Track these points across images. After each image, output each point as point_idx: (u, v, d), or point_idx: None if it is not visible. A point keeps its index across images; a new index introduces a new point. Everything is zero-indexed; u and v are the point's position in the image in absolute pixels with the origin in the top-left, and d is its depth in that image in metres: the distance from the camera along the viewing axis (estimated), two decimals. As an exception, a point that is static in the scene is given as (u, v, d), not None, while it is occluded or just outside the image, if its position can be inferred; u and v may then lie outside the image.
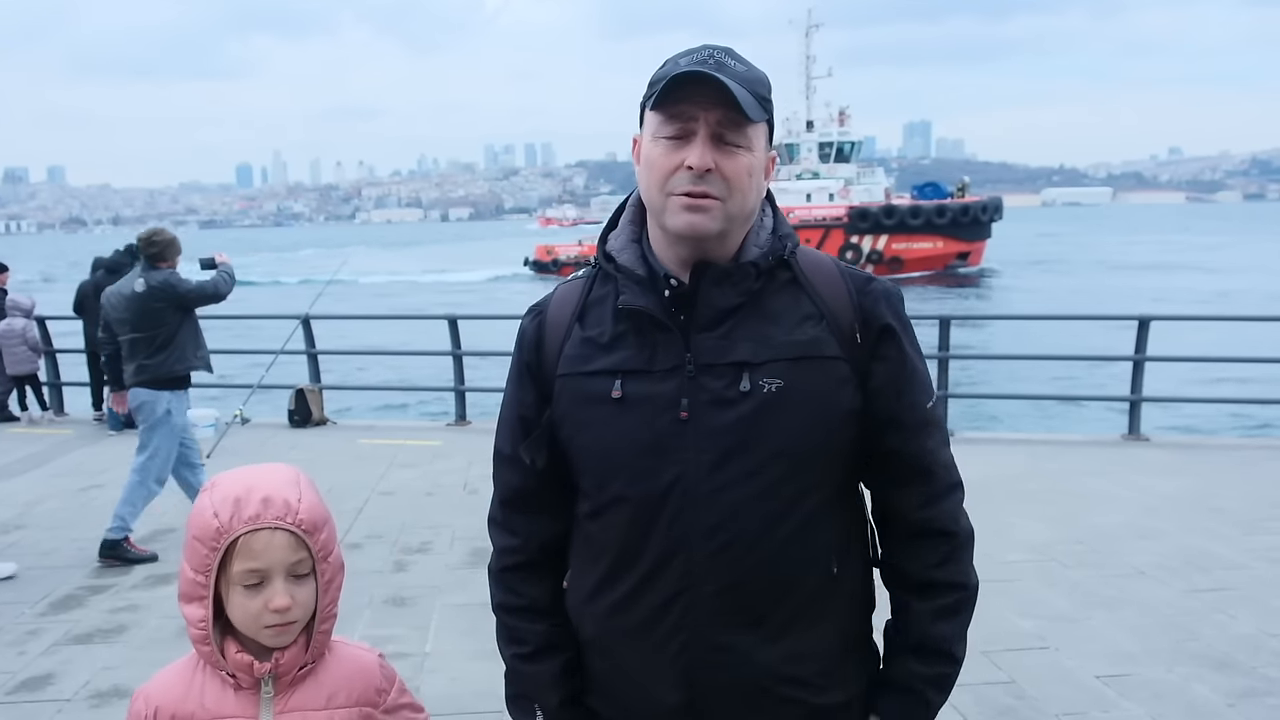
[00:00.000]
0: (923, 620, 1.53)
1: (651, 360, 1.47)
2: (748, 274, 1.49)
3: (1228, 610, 4.76)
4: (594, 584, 1.54)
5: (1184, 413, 13.74)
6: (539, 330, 1.59)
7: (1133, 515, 6.41)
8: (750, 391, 1.44)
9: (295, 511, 1.51)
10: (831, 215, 45.20)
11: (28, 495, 7.34)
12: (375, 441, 9.21)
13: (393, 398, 15.77)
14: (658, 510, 1.46)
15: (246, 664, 1.52)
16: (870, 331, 1.50)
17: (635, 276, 1.50)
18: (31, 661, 4.37)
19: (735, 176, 1.42)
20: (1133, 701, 3.84)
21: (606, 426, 1.48)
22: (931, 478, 1.54)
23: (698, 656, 1.48)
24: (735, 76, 1.41)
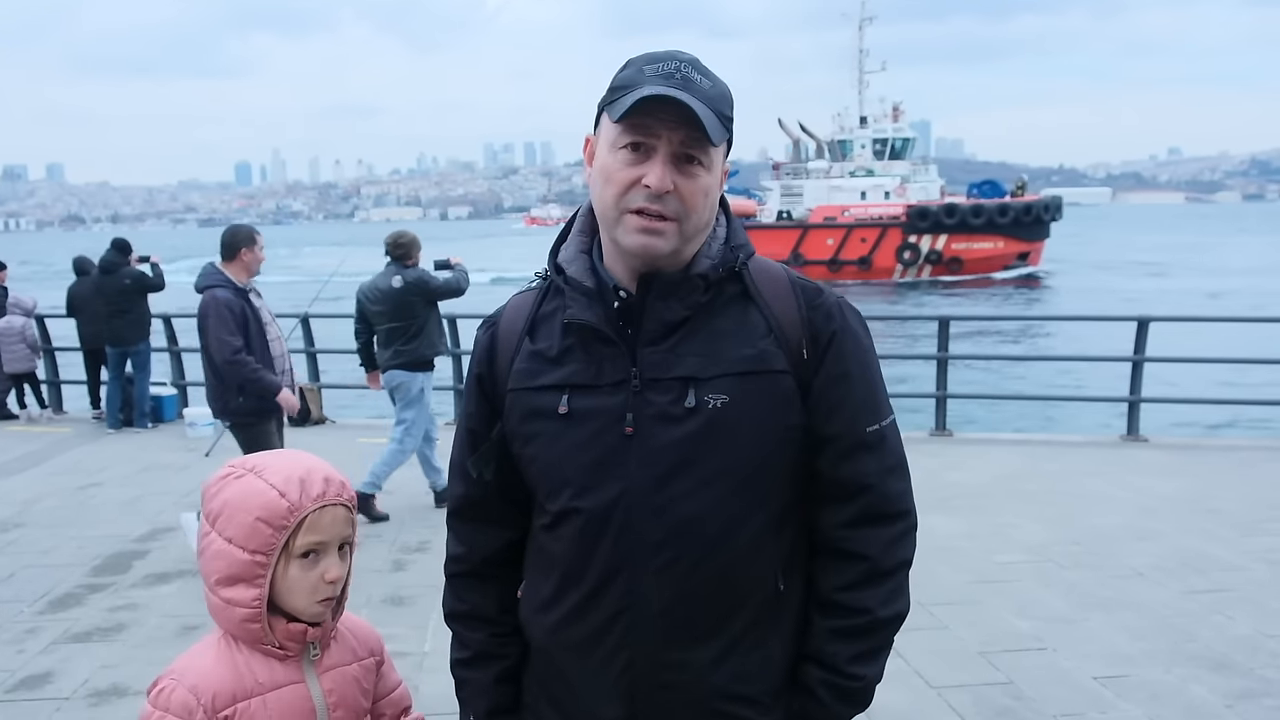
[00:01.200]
0: (817, 636, 1.51)
1: (598, 374, 1.46)
2: (696, 286, 1.46)
3: (1225, 611, 4.76)
4: (545, 596, 1.55)
5: (1182, 413, 13.75)
6: (491, 343, 1.59)
7: (1130, 516, 6.42)
8: (696, 408, 1.43)
9: (348, 489, 1.62)
10: (888, 214, 43.66)
11: (26, 493, 7.34)
12: (374, 440, 9.18)
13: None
14: (603, 525, 1.45)
15: (300, 632, 1.59)
16: (817, 346, 1.48)
17: (583, 289, 1.48)
18: (30, 660, 4.37)
19: (692, 197, 1.41)
20: (1130, 703, 3.84)
21: (554, 441, 1.48)
22: (862, 501, 1.50)
23: (642, 674, 1.47)
24: (700, 95, 1.39)
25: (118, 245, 9.86)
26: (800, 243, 43.43)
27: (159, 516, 6.67)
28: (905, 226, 42.92)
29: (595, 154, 1.48)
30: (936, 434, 9.21)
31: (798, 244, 43.39)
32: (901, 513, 1.53)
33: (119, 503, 7.07)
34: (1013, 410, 14.38)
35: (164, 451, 8.81)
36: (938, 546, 5.82)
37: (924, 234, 42.91)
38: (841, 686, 1.50)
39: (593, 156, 1.49)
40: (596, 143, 1.48)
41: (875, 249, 43.00)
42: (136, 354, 9.68)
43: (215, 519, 1.57)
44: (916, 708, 3.82)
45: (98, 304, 9.65)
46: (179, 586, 5.31)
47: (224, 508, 1.56)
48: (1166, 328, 10.14)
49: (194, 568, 5.53)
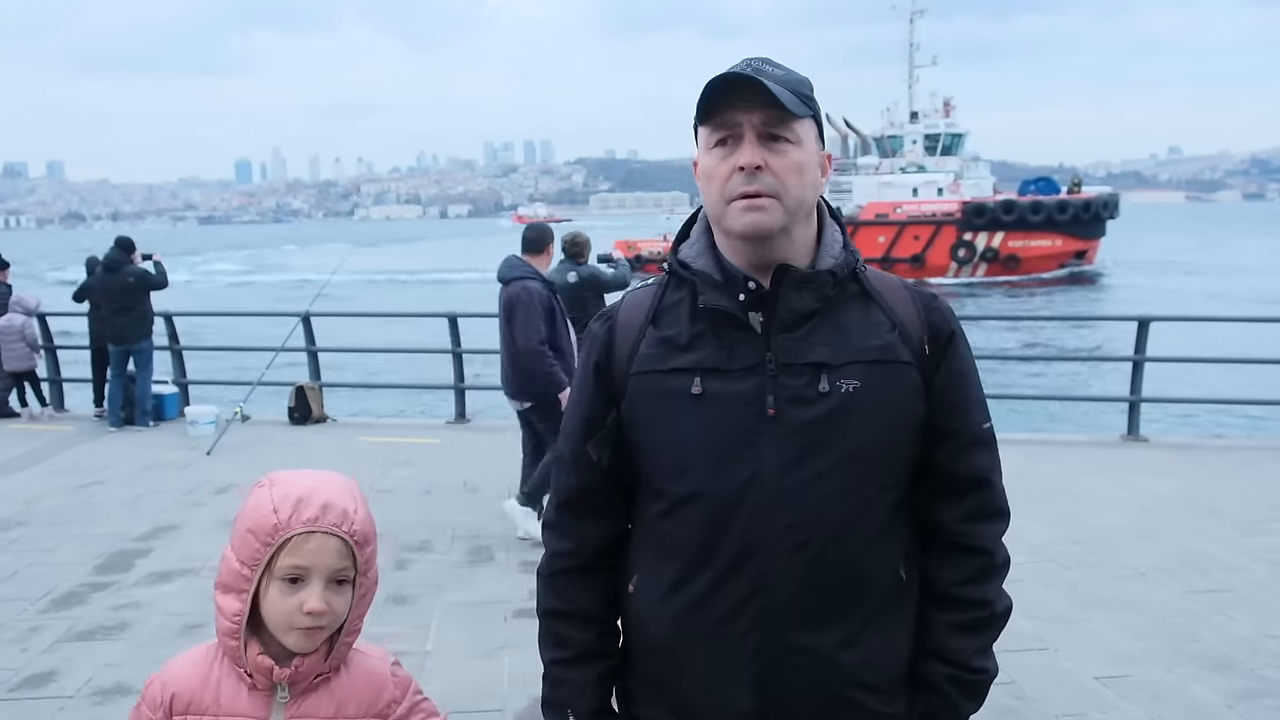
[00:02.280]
0: (939, 632, 1.55)
1: (730, 359, 1.50)
2: (825, 281, 1.52)
3: (1226, 612, 4.77)
4: (667, 584, 1.55)
5: (1183, 413, 13.75)
6: (609, 334, 1.62)
7: (1131, 516, 6.43)
8: (829, 392, 1.48)
9: (351, 521, 1.54)
10: (942, 211, 42.54)
11: (28, 492, 7.34)
12: (374, 439, 9.22)
13: (392, 395, 15.76)
14: (734, 507, 1.48)
15: (266, 667, 1.54)
16: (937, 343, 1.55)
17: (712, 280, 1.53)
18: (34, 659, 4.37)
19: (785, 172, 1.47)
20: (1132, 703, 3.85)
21: (685, 422, 1.51)
22: (979, 497, 1.57)
23: (772, 658, 1.49)
24: (773, 78, 1.45)
25: (121, 243, 9.87)
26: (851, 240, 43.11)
27: (161, 515, 6.67)
28: (960, 223, 41.90)
29: (699, 164, 1.55)
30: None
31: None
32: (1007, 510, 1.61)
33: (121, 501, 7.07)
34: (1014, 410, 14.39)
35: (166, 450, 8.81)
36: (939, 546, 5.84)
37: (980, 231, 41.87)
38: (968, 681, 1.56)
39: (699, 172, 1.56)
40: (699, 157, 1.55)
41: (929, 246, 42.06)
42: (139, 352, 9.68)
43: (234, 523, 1.58)
44: (918, 707, 3.83)
45: (101, 302, 9.66)
46: (181, 585, 5.32)
47: (239, 514, 1.57)
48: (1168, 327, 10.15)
49: (196, 566, 5.56)
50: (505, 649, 4.43)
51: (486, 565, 5.65)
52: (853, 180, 46.28)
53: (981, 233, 41.84)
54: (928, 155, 46.83)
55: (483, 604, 5.03)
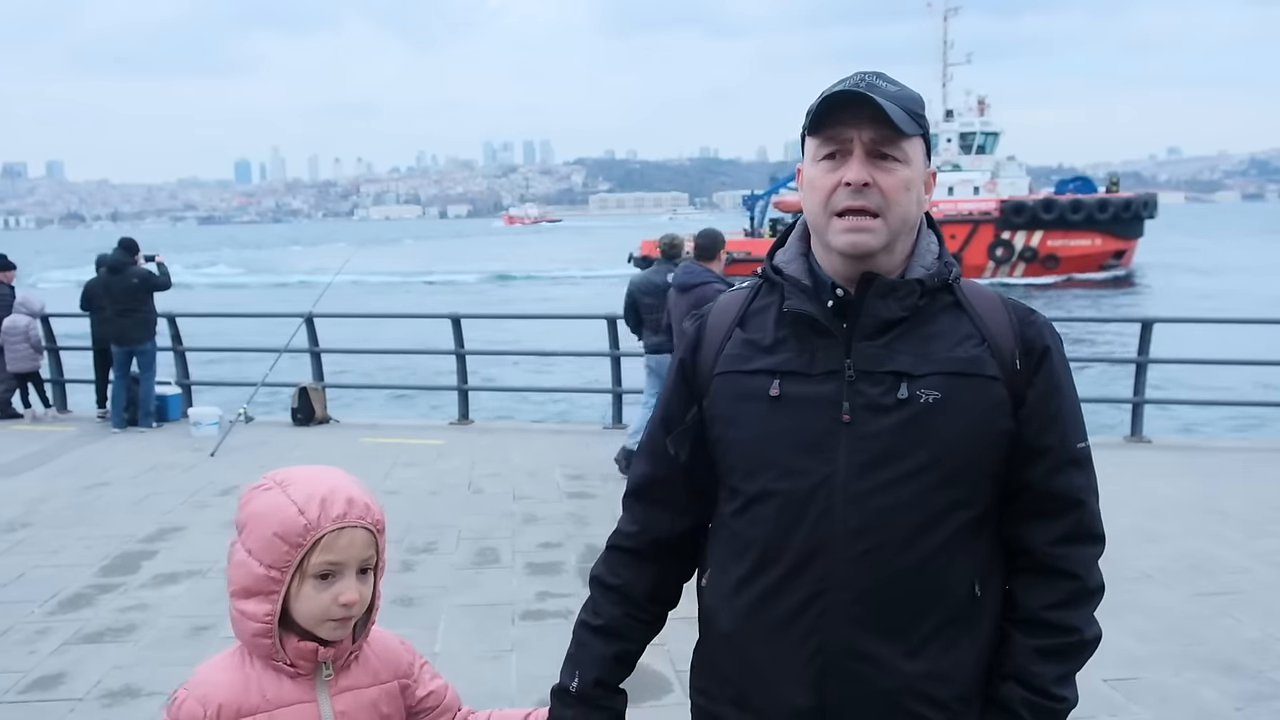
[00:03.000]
0: (1020, 655, 1.51)
1: (811, 363, 1.52)
2: (913, 290, 1.52)
3: (1233, 614, 4.78)
4: (735, 580, 1.57)
5: (1185, 415, 13.76)
6: (699, 332, 1.66)
7: (1136, 518, 6.43)
8: (907, 400, 1.47)
9: (372, 512, 1.59)
10: (979, 209, 41.62)
11: (32, 493, 7.34)
12: (378, 440, 9.22)
13: (395, 396, 15.76)
14: (804, 508, 1.49)
15: (310, 651, 1.57)
16: (1030, 359, 1.52)
17: (801, 285, 1.56)
18: (42, 661, 4.38)
19: (893, 191, 1.47)
20: (1141, 705, 3.86)
21: (762, 423, 1.53)
22: (1073, 517, 1.53)
23: (833, 661, 1.48)
24: (886, 95, 1.47)
25: (125, 244, 9.87)
26: None
27: (166, 517, 6.67)
28: (998, 222, 41.07)
29: (803, 173, 1.57)
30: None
31: None
32: (1102, 535, 1.57)
33: (126, 503, 7.07)
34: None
35: (169, 451, 8.81)
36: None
37: (1018, 230, 40.99)
38: (1045, 708, 1.50)
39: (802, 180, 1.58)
40: (804, 165, 1.57)
41: (966, 246, 40.83)
42: (143, 353, 9.68)
43: (243, 529, 1.58)
44: (928, 710, 3.83)
45: (105, 303, 9.65)
46: (188, 587, 5.32)
47: (250, 519, 1.57)
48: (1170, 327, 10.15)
49: (203, 568, 5.56)
50: (513, 650, 4.44)
51: (492, 567, 5.65)
52: None
53: (1020, 232, 41.06)
54: (963, 154, 46.03)
55: (490, 606, 5.03)
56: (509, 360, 17.48)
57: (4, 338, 10.22)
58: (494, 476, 7.56)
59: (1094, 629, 1.54)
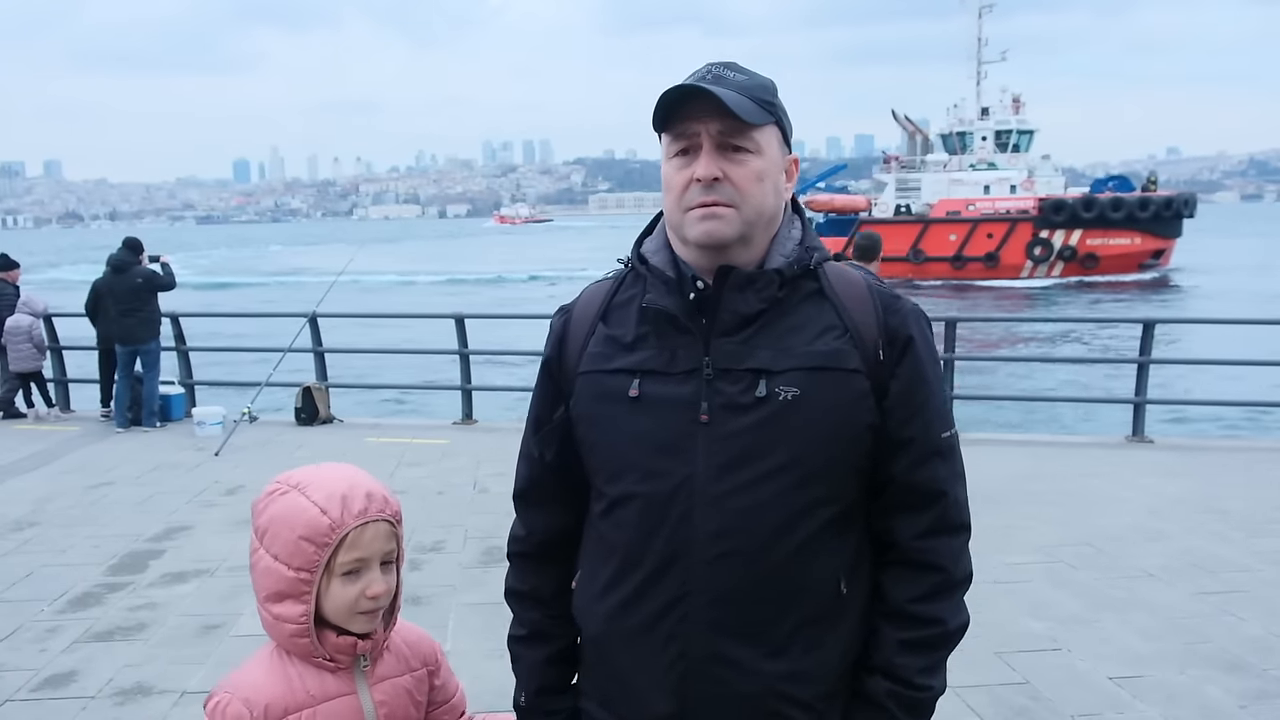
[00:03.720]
0: (887, 647, 1.50)
1: (671, 361, 1.49)
2: (771, 281, 1.49)
3: (1236, 612, 4.81)
4: (602, 584, 1.56)
5: (1187, 414, 13.79)
6: (564, 328, 1.62)
7: (1139, 517, 6.46)
8: (766, 398, 1.44)
9: (390, 504, 1.63)
10: (1017, 208, 41.07)
11: (38, 492, 7.36)
12: (382, 440, 9.25)
13: (399, 396, 15.78)
14: (664, 511, 1.47)
15: (350, 645, 1.61)
16: (894, 348, 1.49)
17: (664, 277, 1.52)
18: (53, 659, 4.40)
19: (744, 182, 1.45)
20: (1146, 703, 3.88)
21: (622, 424, 1.50)
22: (937, 509, 1.51)
23: (693, 666, 1.47)
24: (733, 86, 1.43)
25: (129, 244, 9.90)
26: (920, 238, 41.13)
27: (172, 516, 6.69)
28: (1037, 221, 40.23)
29: (662, 171, 1.54)
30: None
31: (918, 239, 41.08)
32: (967, 524, 1.56)
33: (132, 502, 7.09)
34: (1018, 411, 14.44)
35: (174, 451, 8.83)
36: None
37: (1057, 229, 40.10)
38: (910, 699, 1.50)
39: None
40: (662, 164, 1.53)
41: (1003, 245, 40.66)
42: (147, 352, 9.70)
43: (263, 535, 1.60)
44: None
45: (108, 302, 9.67)
46: (197, 586, 5.34)
47: (270, 524, 1.59)
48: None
49: (210, 567, 5.58)
50: (522, 649, 4.46)
51: (500, 566, 5.62)
52: (921, 178, 44.96)
53: (1059, 230, 40.14)
54: (998, 152, 45.03)
55: (498, 604, 4.99)
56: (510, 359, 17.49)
57: (7, 338, 10.24)
58: (499, 476, 7.57)
59: (959, 618, 1.53)
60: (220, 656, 4.36)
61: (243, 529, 6.37)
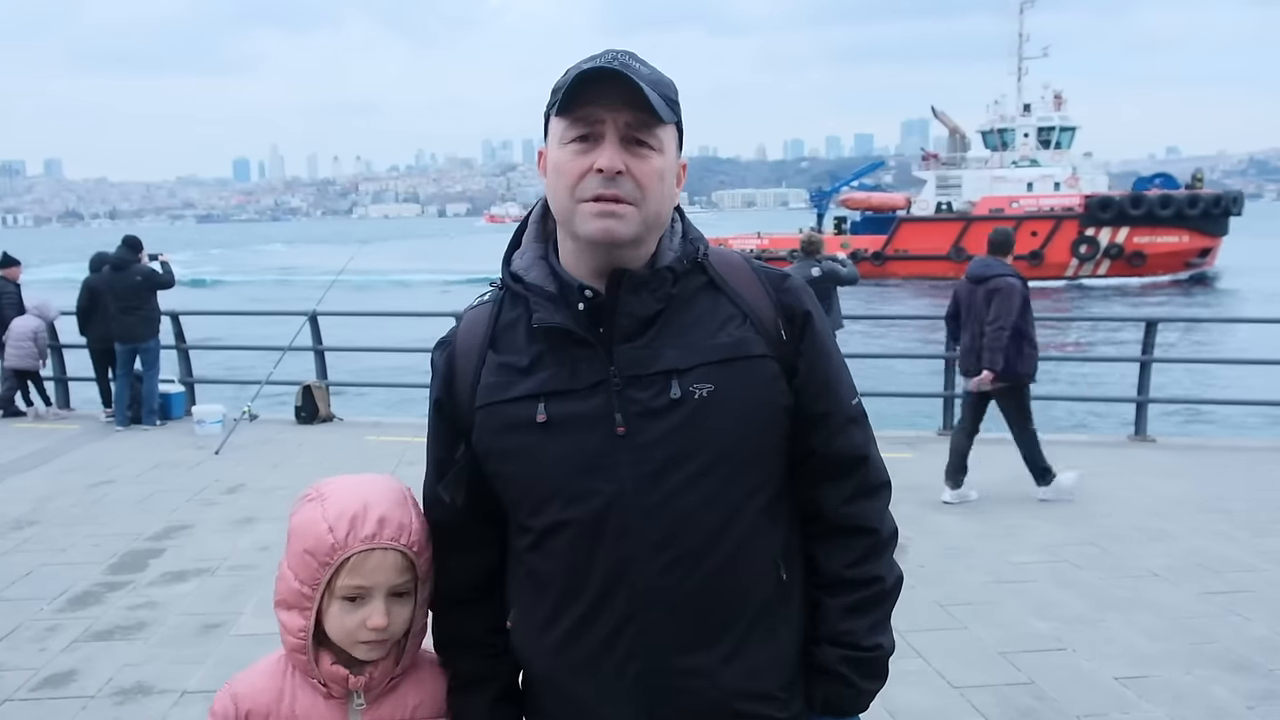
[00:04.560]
0: (832, 616, 1.50)
1: (574, 378, 1.42)
2: (664, 279, 1.44)
3: (1242, 612, 4.78)
4: (541, 619, 1.48)
5: (1189, 413, 13.76)
6: (449, 363, 1.53)
7: (1142, 517, 6.44)
8: (681, 399, 1.40)
9: (409, 533, 1.52)
10: (1061, 205, 40.12)
11: (38, 491, 7.34)
12: (383, 438, 9.21)
13: (400, 394, 15.74)
14: (598, 532, 1.41)
15: (341, 676, 1.53)
16: (794, 326, 1.48)
17: (546, 293, 1.45)
18: (53, 658, 4.37)
19: (646, 179, 1.38)
20: (1153, 703, 3.86)
21: (534, 453, 1.43)
22: (858, 474, 1.52)
23: (656, 684, 1.43)
24: (641, 78, 1.36)
25: (129, 242, 9.87)
26: (962, 236, 40.05)
27: (173, 515, 6.67)
28: (1083, 218, 39.15)
29: (547, 157, 1.45)
30: (944, 434, 9.23)
31: (959, 237, 40.03)
32: (888, 481, 1.57)
33: (132, 501, 7.06)
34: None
35: (174, 449, 8.81)
36: (952, 546, 5.84)
37: (1103, 226, 39.01)
38: (863, 660, 1.50)
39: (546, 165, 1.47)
40: (549, 148, 1.45)
41: (1048, 242, 39.47)
42: (146, 351, 9.68)
43: (288, 539, 1.56)
44: (940, 708, 3.84)
45: (108, 300, 9.65)
46: (197, 585, 5.32)
47: (290, 532, 1.55)
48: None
49: (211, 566, 5.56)
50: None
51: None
52: (962, 175, 44.38)
53: (1105, 228, 39.12)
54: (1040, 149, 43.89)
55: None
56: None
57: (12, 336, 10.22)
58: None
59: (895, 572, 1.54)
60: (220, 656, 4.34)
61: (243, 528, 6.36)
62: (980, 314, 6.60)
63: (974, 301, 6.71)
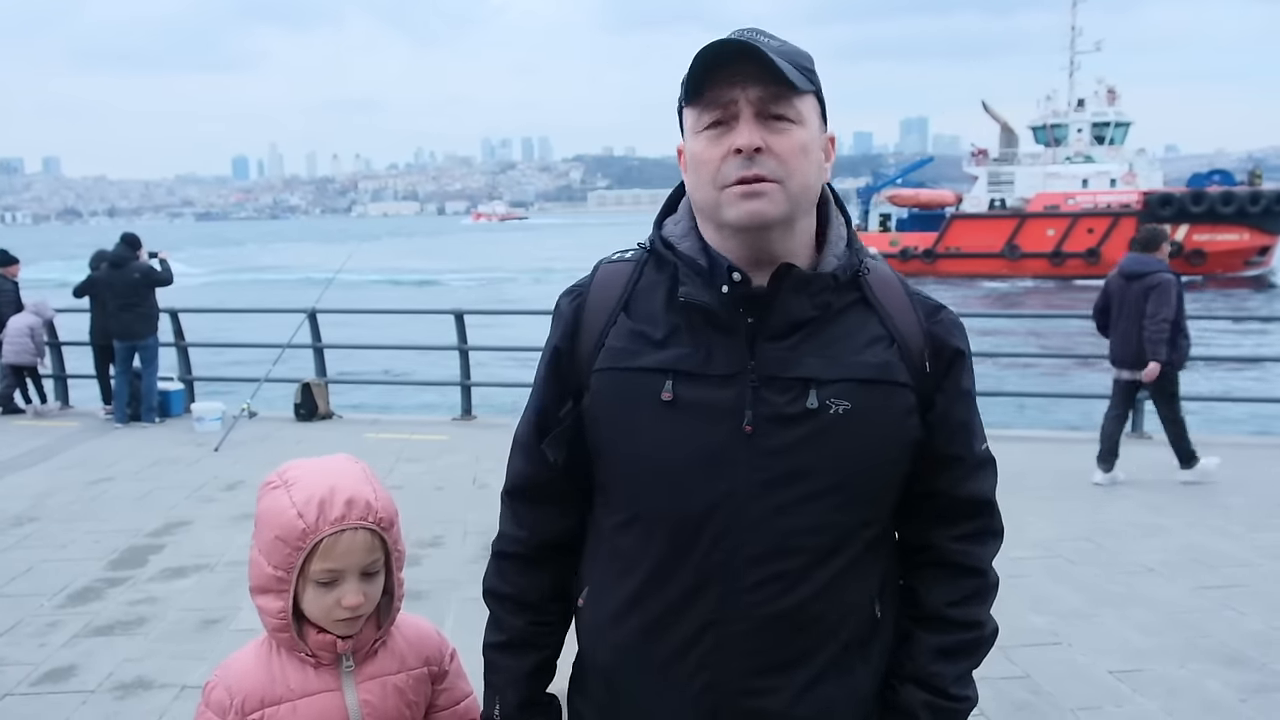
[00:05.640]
0: (923, 655, 1.43)
1: (707, 362, 1.34)
2: (827, 285, 1.37)
3: (1237, 607, 4.81)
4: (618, 606, 1.42)
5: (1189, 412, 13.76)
6: (577, 314, 1.45)
7: (1138, 513, 6.46)
8: (817, 410, 1.32)
9: (375, 511, 1.55)
10: (1119, 202, 39.05)
11: (38, 487, 7.36)
12: (381, 436, 9.25)
13: (398, 392, 15.76)
14: (698, 532, 1.34)
15: (330, 643, 1.58)
16: (940, 361, 1.41)
17: (697, 266, 1.36)
18: (53, 653, 4.39)
19: (789, 154, 1.30)
20: (1146, 697, 3.89)
21: (651, 431, 1.35)
22: (981, 519, 1.48)
23: (723, 701, 1.36)
24: (771, 49, 1.29)
25: (127, 240, 9.89)
26: (1016, 233, 39.59)
27: (172, 511, 6.69)
28: (1142, 215, 36.74)
29: (685, 150, 1.38)
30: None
31: (1013, 235, 39.56)
32: (1002, 530, 1.52)
33: (131, 497, 7.08)
34: (1016, 407, 14.42)
35: (173, 446, 8.83)
36: (949, 542, 5.86)
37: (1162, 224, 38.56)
38: (946, 710, 1.43)
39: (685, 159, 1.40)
40: (685, 141, 1.38)
41: (1105, 240, 38.25)
42: (145, 348, 9.70)
43: (255, 527, 1.60)
44: (935, 702, 3.86)
45: (107, 298, 9.66)
46: (196, 581, 5.34)
47: (259, 517, 1.58)
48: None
49: (210, 562, 5.58)
50: (522, 644, 4.45)
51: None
52: (1014, 171, 43.13)
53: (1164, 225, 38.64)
54: (1095, 145, 42.74)
55: (497, 599, 5.04)
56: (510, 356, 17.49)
57: (10, 333, 10.24)
58: (498, 472, 7.54)
59: (993, 624, 1.50)
60: (220, 651, 4.36)
61: (242, 524, 6.37)
62: (1135, 309, 6.91)
63: (1127, 297, 7.01)
